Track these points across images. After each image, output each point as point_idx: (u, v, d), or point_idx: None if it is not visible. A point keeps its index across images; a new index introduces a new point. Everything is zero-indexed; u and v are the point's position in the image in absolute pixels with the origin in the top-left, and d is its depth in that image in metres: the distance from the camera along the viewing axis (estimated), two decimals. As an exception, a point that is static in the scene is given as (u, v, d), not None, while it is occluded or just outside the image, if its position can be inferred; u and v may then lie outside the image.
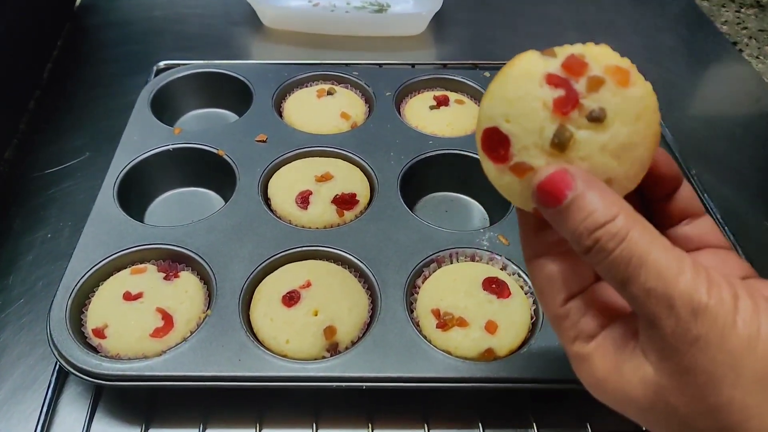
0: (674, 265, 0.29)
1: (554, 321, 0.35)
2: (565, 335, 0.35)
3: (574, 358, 0.35)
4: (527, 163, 0.32)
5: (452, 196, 0.76)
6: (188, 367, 0.52)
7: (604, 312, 0.34)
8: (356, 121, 0.79)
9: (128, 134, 0.74)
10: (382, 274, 0.60)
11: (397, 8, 1.11)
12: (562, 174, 0.31)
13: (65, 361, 0.52)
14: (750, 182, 0.81)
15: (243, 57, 1.01)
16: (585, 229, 0.30)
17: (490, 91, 0.34)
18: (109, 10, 1.10)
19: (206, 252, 0.61)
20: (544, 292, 0.36)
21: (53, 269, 0.67)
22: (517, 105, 0.32)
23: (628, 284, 0.30)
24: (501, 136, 0.33)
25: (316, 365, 0.53)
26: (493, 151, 0.33)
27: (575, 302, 0.35)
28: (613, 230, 0.30)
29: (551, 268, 0.35)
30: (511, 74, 0.33)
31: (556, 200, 0.31)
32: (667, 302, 0.29)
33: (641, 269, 0.29)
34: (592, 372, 0.33)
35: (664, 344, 0.29)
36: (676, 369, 0.29)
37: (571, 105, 0.31)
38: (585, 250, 0.31)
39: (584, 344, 0.34)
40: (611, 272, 0.30)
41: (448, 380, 0.53)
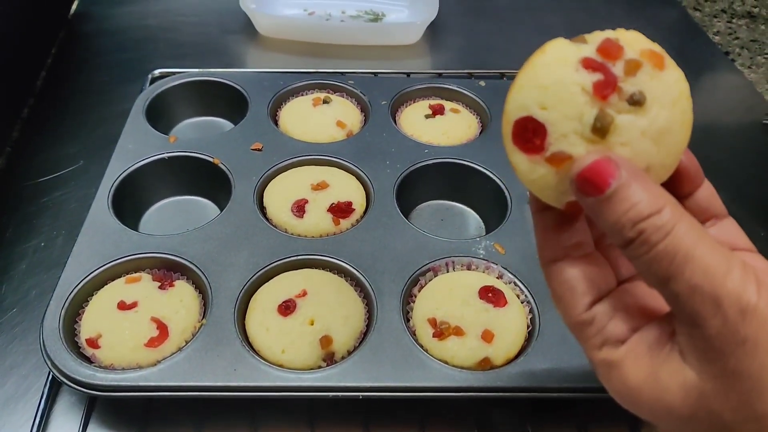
0: (722, 263, 0.28)
1: (577, 328, 0.33)
2: (590, 342, 0.32)
3: (601, 365, 0.32)
4: (566, 152, 0.31)
5: (448, 205, 0.76)
6: (183, 377, 0.52)
7: (634, 315, 0.32)
8: (352, 130, 0.79)
9: (123, 142, 0.74)
10: (378, 283, 0.60)
11: (393, 17, 1.12)
12: (606, 162, 0.29)
13: (58, 371, 0.52)
14: (744, 191, 0.82)
15: (238, 65, 1.01)
16: (628, 220, 0.28)
17: (519, 82, 0.32)
18: (104, 18, 1.10)
19: (201, 261, 0.61)
20: (564, 298, 0.33)
21: (46, 278, 0.66)
22: (554, 91, 0.31)
23: (671, 281, 0.28)
24: (536, 125, 0.31)
25: (312, 375, 0.53)
26: (527, 142, 0.31)
27: (601, 306, 0.33)
28: (659, 223, 0.28)
29: (572, 272, 0.33)
30: (543, 61, 0.31)
31: (598, 189, 0.29)
32: (714, 301, 0.27)
33: (687, 265, 0.27)
34: (624, 380, 0.31)
35: (708, 346, 0.28)
36: (721, 373, 0.28)
37: (611, 88, 0.30)
38: (627, 243, 0.29)
39: (613, 350, 0.32)
40: (653, 267, 0.28)
41: (445, 390, 0.53)
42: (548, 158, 0.31)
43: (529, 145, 0.31)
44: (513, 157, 0.33)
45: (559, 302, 0.34)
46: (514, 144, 0.32)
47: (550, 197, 0.33)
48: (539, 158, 0.31)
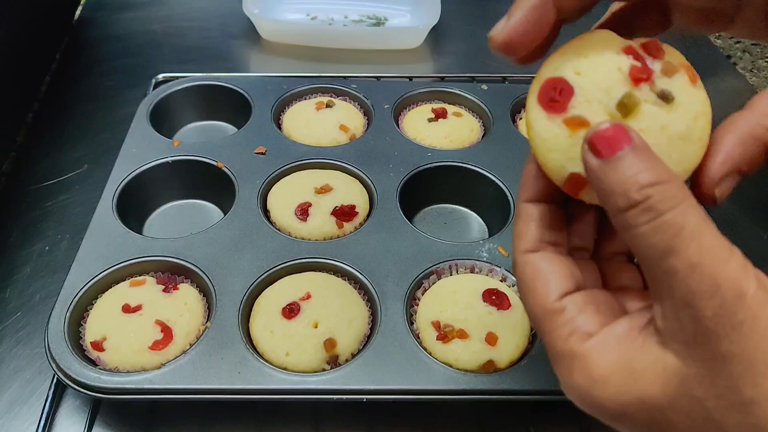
0: (725, 249, 0.27)
1: (545, 316, 0.32)
2: (557, 332, 0.32)
3: (565, 356, 0.31)
4: (585, 117, 0.31)
5: (451, 208, 0.76)
6: (187, 380, 0.52)
7: (603, 311, 0.32)
8: (355, 134, 0.79)
9: (127, 147, 0.74)
10: (382, 286, 0.60)
11: (395, 22, 1.12)
12: (624, 129, 0.29)
13: (63, 374, 0.52)
14: (747, 194, 0.82)
15: (241, 70, 1.02)
16: (636, 182, 0.27)
17: (562, 49, 0.33)
18: (108, 23, 1.10)
19: (206, 264, 0.61)
20: (536, 286, 0.33)
21: (51, 282, 0.67)
22: (593, 61, 0.32)
23: (672, 254, 0.27)
24: (565, 87, 0.32)
25: (316, 378, 0.53)
26: (551, 100, 0.32)
27: (572, 298, 0.32)
28: (668, 192, 0.27)
29: (546, 263, 0.33)
30: (590, 38, 0.33)
31: (611, 149, 0.29)
32: (713, 281, 0.26)
33: (692, 241, 0.27)
34: (589, 371, 0.30)
35: (699, 328, 0.27)
36: (711, 356, 0.27)
37: (646, 76, 0.31)
38: (628, 207, 0.28)
39: (580, 342, 0.31)
40: (654, 238, 0.27)
41: (449, 392, 0.53)
42: (567, 119, 0.32)
43: (551, 104, 0.32)
44: (532, 113, 0.33)
45: (529, 290, 0.33)
46: (537, 100, 0.33)
47: (555, 162, 0.33)
48: (558, 118, 0.32)
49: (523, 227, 0.35)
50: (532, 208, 0.35)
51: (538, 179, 0.35)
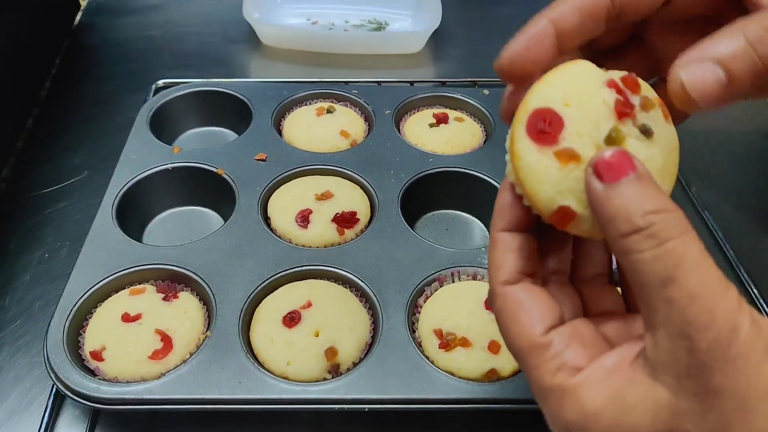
0: (723, 283, 0.27)
1: (530, 351, 0.32)
2: (544, 367, 0.31)
3: (555, 391, 0.30)
4: (576, 151, 0.31)
5: (453, 214, 0.76)
6: (187, 390, 0.52)
7: (589, 345, 0.32)
8: (356, 139, 0.79)
9: (127, 153, 0.74)
10: (384, 294, 0.60)
11: (396, 26, 1.12)
12: (629, 156, 0.29)
13: (62, 384, 0.52)
14: (750, 200, 0.81)
15: (242, 75, 1.01)
16: (640, 208, 0.28)
17: (546, 78, 0.33)
18: (108, 28, 1.10)
19: (206, 272, 0.61)
20: (518, 319, 0.32)
21: (50, 290, 0.66)
22: (580, 93, 0.32)
23: (672, 284, 0.27)
24: (554, 118, 0.32)
25: (318, 387, 0.52)
26: (540, 132, 0.32)
27: (557, 331, 0.32)
28: (672, 222, 0.27)
29: (528, 295, 0.33)
30: (573, 68, 0.33)
31: (616, 174, 0.29)
32: (711, 314, 0.26)
33: (693, 272, 0.26)
34: (581, 406, 0.29)
35: (693, 361, 0.27)
36: (703, 390, 0.27)
37: (629, 110, 0.32)
38: (631, 232, 0.28)
39: (569, 377, 0.30)
40: (656, 265, 0.27)
41: (451, 402, 0.52)
42: (557, 152, 0.32)
43: (541, 135, 0.32)
44: (520, 144, 0.32)
45: (511, 323, 0.33)
46: (526, 132, 0.32)
47: (545, 194, 0.32)
48: (548, 150, 0.32)
49: (500, 257, 0.34)
50: (509, 238, 0.34)
51: (514, 208, 0.34)
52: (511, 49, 0.34)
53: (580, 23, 0.35)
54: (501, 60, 0.35)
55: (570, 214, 0.32)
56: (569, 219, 0.32)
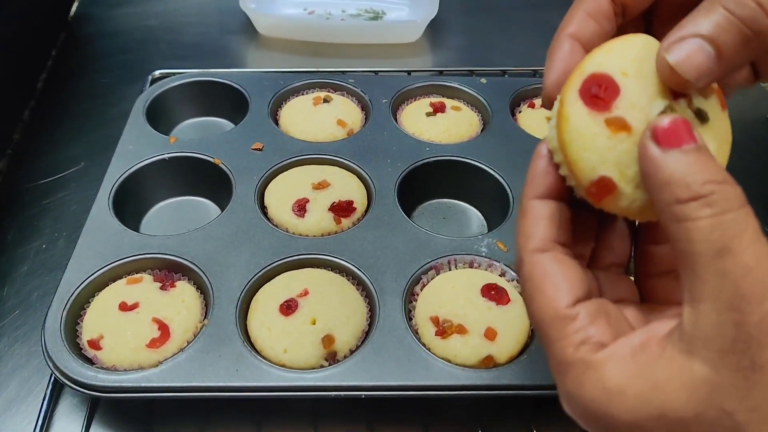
0: None
1: (554, 322, 0.30)
2: (568, 339, 0.30)
3: (573, 366, 0.29)
4: (628, 121, 0.30)
5: (450, 203, 0.76)
6: (185, 378, 0.52)
7: (615, 323, 0.31)
8: (353, 129, 0.79)
9: (123, 144, 0.74)
10: (380, 282, 0.60)
11: (393, 16, 1.11)
12: (689, 126, 0.28)
13: (60, 373, 0.52)
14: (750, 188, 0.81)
15: (238, 65, 1.01)
16: (701, 177, 0.27)
17: (608, 46, 0.32)
18: (104, 19, 1.10)
19: (203, 261, 0.61)
20: (545, 289, 0.31)
21: (48, 280, 0.66)
22: (640, 64, 0.31)
23: (727, 254, 0.26)
24: (611, 85, 0.31)
25: (315, 374, 0.53)
26: (594, 97, 0.31)
27: (584, 306, 0.30)
28: (733, 193, 0.27)
29: (557, 265, 0.31)
30: (635, 40, 0.32)
31: (679, 141, 0.28)
32: (765, 287, 0.25)
33: (751, 245, 0.26)
34: (604, 382, 0.28)
35: (741, 334, 0.26)
36: (749, 364, 0.25)
37: (684, 92, 0.31)
38: (689, 198, 0.27)
39: (592, 352, 0.29)
40: (713, 234, 0.26)
41: (448, 388, 0.52)
42: (609, 119, 0.31)
43: (595, 100, 0.31)
44: (570, 108, 0.32)
45: (537, 293, 0.31)
46: (579, 95, 0.31)
47: (588, 161, 0.31)
48: (600, 116, 0.31)
49: (531, 225, 0.33)
50: (541, 205, 0.33)
51: (549, 176, 0.33)
52: (552, 78, 0.34)
53: (595, 27, 0.35)
54: (546, 91, 0.35)
55: (610, 187, 0.31)
56: (608, 192, 0.31)
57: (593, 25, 0.35)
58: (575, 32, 0.35)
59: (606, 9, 0.35)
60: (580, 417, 0.30)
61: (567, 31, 0.35)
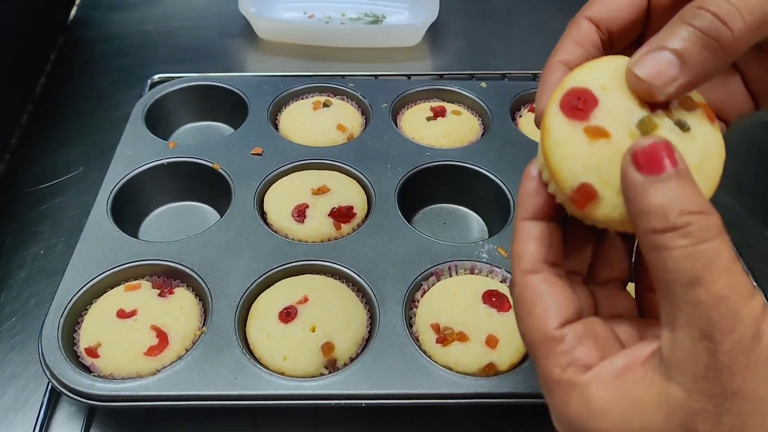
0: (750, 288, 0.27)
1: (543, 343, 0.32)
2: (554, 360, 0.31)
3: (563, 385, 0.31)
4: (606, 128, 0.32)
5: (450, 208, 0.76)
6: (183, 386, 0.51)
7: (602, 344, 0.32)
8: (353, 133, 0.78)
9: (122, 148, 0.73)
10: (381, 289, 0.59)
11: (393, 19, 1.11)
12: (671, 148, 0.29)
13: (57, 381, 0.51)
14: (750, 191, 0.81)
15: (238, 69, 1.01)
16: (676, 207, 0.27)
17: (586, 65, 0.34)
18: (103, 23, 1.10)
19: (201, 267, 0.60)
20: (534, 310, 0.32)
21: (46, 286, 0.66)
22: (619, 80, 0.32)
23: (700, 284, 0.27)
24: (589, 97, 0.32)
25: (314, 383, 0.52)
26: (573, 108, 0.32)
27: (571, 328, 0.32)
28: (709, 223, 0.27)
29: (547, 287, 0.33)
30: (614, 60, 0.34)
31: (657, 168, 0.28)
32: (736, 316, 0.26)
33: (722, 275, 0.26)
34: (588, 402, 0.30)
35: (714, 362, 0.27)
36: (721, 391, 0.27)
37: (663, 104, 0.32)
38: (666, 229, 0.27)
39: (579, 373, 0.30)
40: (687, 264, 0.27)
41: (449, 396, 0.52)
42: (587, 128, 0.32)
43: (574, 111, 0.32)
44: (551, 119, 0.33)
45: (527, 313, 0.33)
46: (559, 107, 0.33)
47: (569, 170, 0.32)
48: (579, 125, 0.32)
49: (522, 246, 0.34)
50: (530, 226, 0.34)
51: (538, 196, 0.34)
52: (543, 102, 0.35)
53: (585, 53, 0.36)
54: (538, 114, 0.35)
55: (591, 193, 0.31)
56: (589, 198, 0.32)
57: (582, 52, 0.36)
58: (566, 60, 0.36)
59: (593, 38, 0.36)
60: (567, 428, 0.31)
61: (558, 59, 0.36)
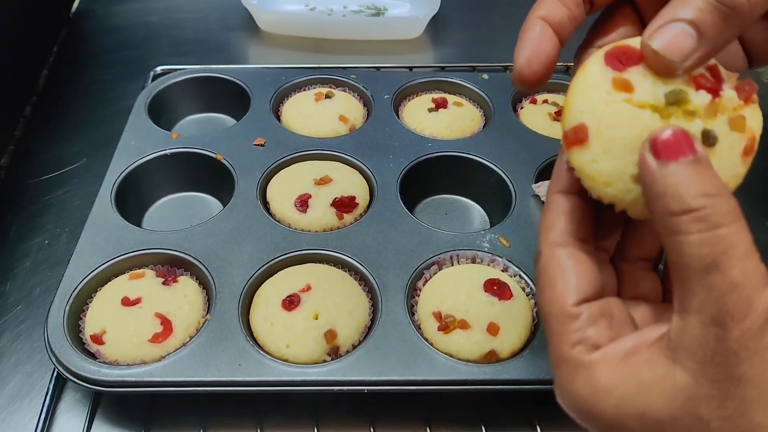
0: (765, 276, 0.27)
1: (558, 318, 0.31)
2: (566, 336, 0.31)
3: (568, 362, 0.31)
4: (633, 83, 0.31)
5: (452, 199, 0.76)
6: (187, 373, 0.52)
7: (615, 326, 0.32)
8: (355, 124, 0.79)
9: (125, 139, 0.74)
10: (383, 277, 0.60)
11: (395, 12, 1.11)
12: (690, 138, 0.28)
13: (63, 367, 0.52)
14: (749, 181, 0.81)
15: (240, 61, 1.01)
16: (696, 190, 0.27)
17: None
18: (106, 15, 1.10)
19: (205, 256, 0.61)
20: (556, 284, 0.32)
21: (51, 275, 0.66)
22: None
23: (716, 270, 0.26)
24: (635, 55, 0.32)
25: (317, 369, 0.53)
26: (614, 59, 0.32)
27: (588, 306, 0.31)
28: (725, 207, 0.27)
29: (574, 261, 0.32)
30: None
31: (675, 153, 0.28)
32: (749, 304, 0.26)
33: (740, 261, 0.26)
34: (593, 381, 0.30)
35: (722, 348, 0.27)
36: (726, 377, 0.27)
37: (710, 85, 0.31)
38: (681, 211, 0.27)
39: (587, 352, 0.30)
40: (703, 249, 0.26)
41: (451, 383, 0.52)
42: (616, 78, 0.31)
43: (614, 62, 0.32)
44: (591, 60, 0.33)
45: (548, 285, 0.33)
46: (604, 56, 0.32)
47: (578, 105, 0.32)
48: (610, 73, 0.32)
49: (552, 218, 0.34)
50: (562, 200, 0.34)
51: (571, 172, 0.34)
52: (522, 57, 0.35)
53: (565, 11, 0.35)
54: (518, 69, 0.35)
55: (582, 136, 0.31)
56: (578, 141, 0.31)
57: (563, 9, 0.35)
58: (546, 15, 0.35)
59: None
60: (569, 408, 0.32)
61: (538, 14, 0.35)
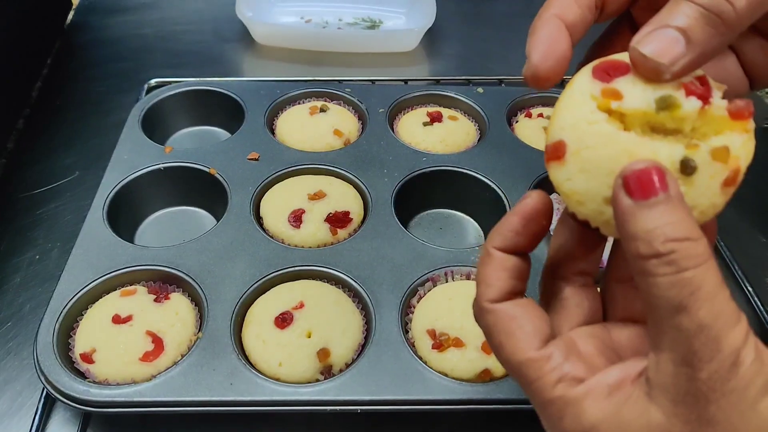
0: (734, 315, 0.27)
1: (529, 365, 0.31)
2: (545, 379, 0.31)
3: (557, 402, 0.30)
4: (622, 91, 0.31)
5: (447, 213, 0.76)
6: (178, 392, 0.51)
7: (588, 358, 0.32)
8: (349, 138, 0.78)
9: (118, 153, 0.73)
10: (377, 294, 0.59)
11: (390, 24, 1.11)
12: (662, 172, 0.28)
13: (52, 387, 0.51)
14: (745, 196, 0.81)
15: (235, 74, 1.01)
16: (662, 234, 0.27)
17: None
18: (100, 27, 1.10)
19: (197, 273, 0.60)
20: (514, 334, 0.31)
21: (41, 292, 0.66)
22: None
23: (683, 312, 0.27)
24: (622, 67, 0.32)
25: (310, 389, 0.52)
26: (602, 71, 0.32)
27: (555, 344, 0.31)
28: (694, 251, 0.27)
29: (522, 308, 0.32)
30: None
31: (647, 191, 0.28)
32: (716, 345, 0.26)
33: (706, 302, 0.26)
34: (581, 419, 0.30)
35: (692, 388, 0.27)
36: (696, 417, 0.27)
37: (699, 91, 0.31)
38: (650, 256, 0.27)
39: (570, 388, 0.30)
40: (670, 292, 0.27)
41: (445, 402, 0.52)
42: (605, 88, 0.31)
43: (602, 74, 0.32)
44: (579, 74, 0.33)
45: (506, 339, 0.32)
46: (592, 69, 0.32)
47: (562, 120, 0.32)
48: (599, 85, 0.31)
49: (492, 275, 0.33)
50: (504, 258, 0.33)
51: (520, 236, 0.34)
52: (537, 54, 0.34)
53: (578, 11, 0.35)
54: (532, 66, 0.34)
55: (560, 152, 0.31)
56: (556, 157, 0.31)
57: (577, 11, 0.35)
58: (560, 14, 0.35)
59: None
60: None
61: (552, 12, 0.35)
